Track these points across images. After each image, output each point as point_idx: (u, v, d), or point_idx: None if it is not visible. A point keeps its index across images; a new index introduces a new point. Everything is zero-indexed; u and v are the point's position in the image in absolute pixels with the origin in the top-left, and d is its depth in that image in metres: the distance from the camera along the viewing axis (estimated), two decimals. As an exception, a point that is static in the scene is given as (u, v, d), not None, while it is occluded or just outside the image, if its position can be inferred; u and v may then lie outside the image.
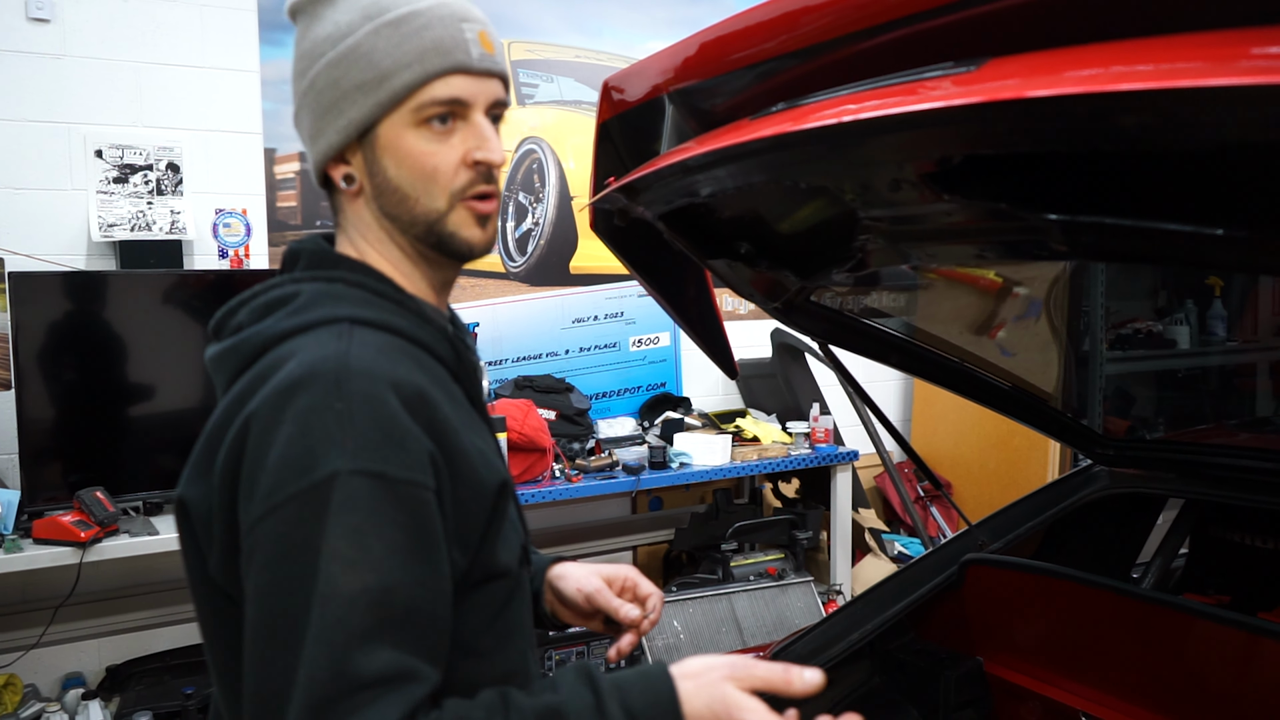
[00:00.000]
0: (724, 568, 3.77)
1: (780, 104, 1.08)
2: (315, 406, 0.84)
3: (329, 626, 0.80)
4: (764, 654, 1.74)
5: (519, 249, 3.96)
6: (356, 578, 0.81)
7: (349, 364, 0.86)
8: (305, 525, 0.82)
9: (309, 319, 0.92)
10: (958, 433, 4.63)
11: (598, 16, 4.07)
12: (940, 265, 1.46)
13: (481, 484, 0.93)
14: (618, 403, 4.11)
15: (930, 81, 0.90)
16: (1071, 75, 0.78)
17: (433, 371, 0.95)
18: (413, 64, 0.92)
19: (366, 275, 0.98)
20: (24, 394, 2.86)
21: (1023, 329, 1.91)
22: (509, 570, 0.98)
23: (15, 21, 3.10)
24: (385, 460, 0.84)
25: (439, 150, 0.94)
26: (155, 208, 3.25)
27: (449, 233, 0.96)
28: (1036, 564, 1.77)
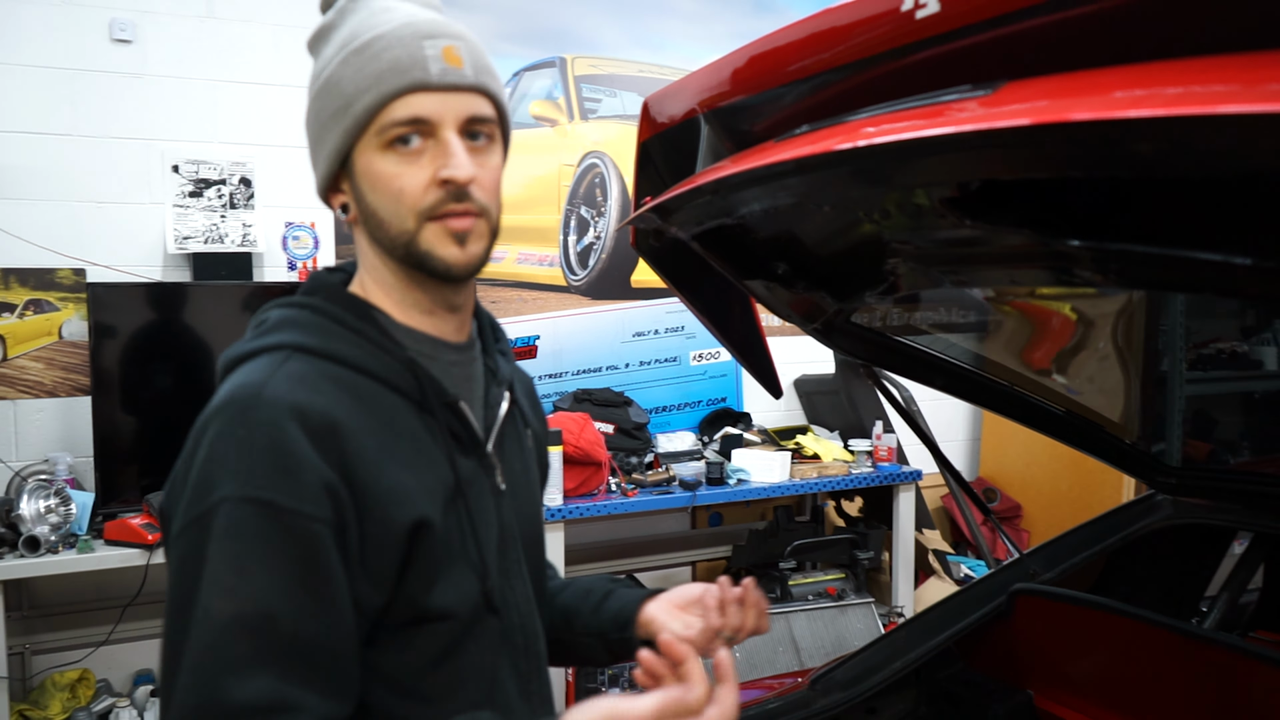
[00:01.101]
0: (782, 586, 3.73)
1: (804, 126, 1.06)
2: (222, 433, 0.87)
3: (201, 652, 0.81)
4: (802, 680, 1.71)
5: (580, 263, 3.98)
6: (233, 604, 0.82)
7: (261, 393, 0.88)
8: (195, 550, 0.84)
9: (260, 344, 0.95)
10: (1028, 453, 4.50)
11: (660, 31, 4.07)
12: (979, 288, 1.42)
13: (391, 521, 0.90)
14: (677, 417, 4.10)
15: (950, 105, 0.88)
16: (1103, 99, 0.75)
17: (375, 402, 0.94)
18: (370, 87, 0.92)
19: (337, 303, 0.98)
20: (100, 400, 2.97)
21: (1080, 351, 1.84)
22: (450, 614, 0.95)
23: (99, 43, 3.23)
24: (275, 489, 0.84)
25: (405, 171, 0.93)
26: (228, 221, 3.35)
27: (424, 252, 0.94)
28: (1088, 597, 1.71)
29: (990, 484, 4.64)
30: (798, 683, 1.70)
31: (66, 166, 3.21)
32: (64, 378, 3.20)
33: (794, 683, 1.70)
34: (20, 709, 2.94)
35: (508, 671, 1.03)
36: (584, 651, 1.21)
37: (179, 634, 0.83)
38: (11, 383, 3.15)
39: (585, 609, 1.20)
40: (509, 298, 3.85)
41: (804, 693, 1.67)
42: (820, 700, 1.66)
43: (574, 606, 1.22)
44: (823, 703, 1.66)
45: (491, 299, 3.80)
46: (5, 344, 3.14)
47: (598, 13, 3.97)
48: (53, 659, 3.16)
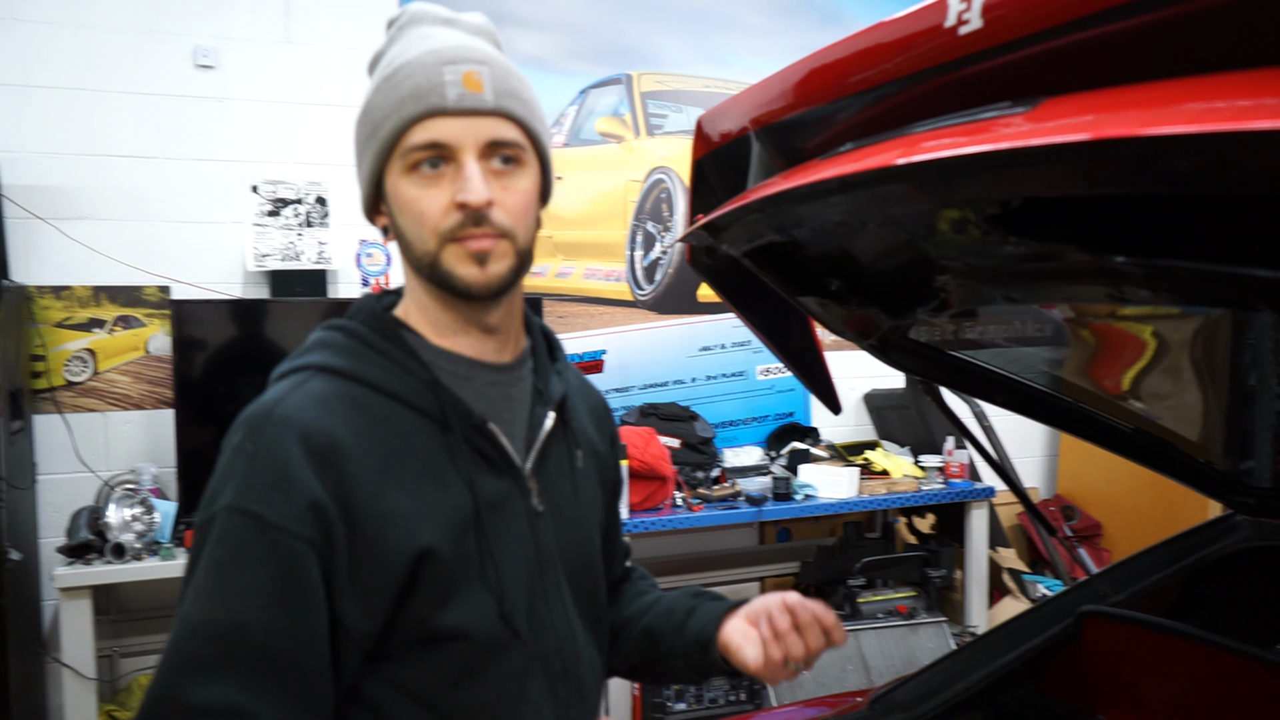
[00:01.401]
0: (851, 604, 3.68)
1: (849, 144, 1.06)
2: (236, 446, 0.92)
3: (172, 650, 0.86)
4: (861, 700, 1.68)
5: (647, 277, 4.00)
6: (206, 609, 0.86)
7: (274, 410, 0.92)
8: (194, 553, 0.90)
9: (291, 365, 1.00)
10: (1109, 471, 4.37)
11: (726, 47, 4.08)
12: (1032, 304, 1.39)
13: (389, 546, 0.91)
14: (744, 432, 4.08)
15: (994, 121, 0.87)
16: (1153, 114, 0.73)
17: (391, 423, 0.96)
18: (393, 113, 0.94)
19: (369, 325, 1.02)
20: (183, 412, 3.08)
21: (1151, 367, 1.79)
22: (463, 634, 0.96)
23: (184, 69, 3.37)
24: (265, 503, 0.88)
25: (426, 195, 0.95)
26: (304, 239, 3.45)
27: (445, 272, 0.96)
28: (1158, 620, 1.65)
29: (1069, 502, 4.52)
30: (857, 702, 1.68)
31: (153, 188, 3.34)
32: (150, 391, 3.33)
33: (853, 702, 1.68)
34: (108, 709, 3.05)
35: (542, 696, 1.02)
36: (672, 672, 1.21)
37: (171, 628, 0.89)
38: (101, 395, 3.29)
39: (669, 630, 1.19)
40: (576, 313, 3.88)
41: (863, 713, 1.65)
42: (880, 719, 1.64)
43: (658, 628, 1.21)
44: (881, 723, 1.63)
45: (559, 314, 3.84)
46: (96, 358, 3.28)
47: (664, 29, 4.00)
48: (139, 662, 3.28)
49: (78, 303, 3.26)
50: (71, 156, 3.26)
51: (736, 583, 4.11)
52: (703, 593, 1.24)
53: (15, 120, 3.18)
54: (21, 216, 3.17)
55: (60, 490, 3.23)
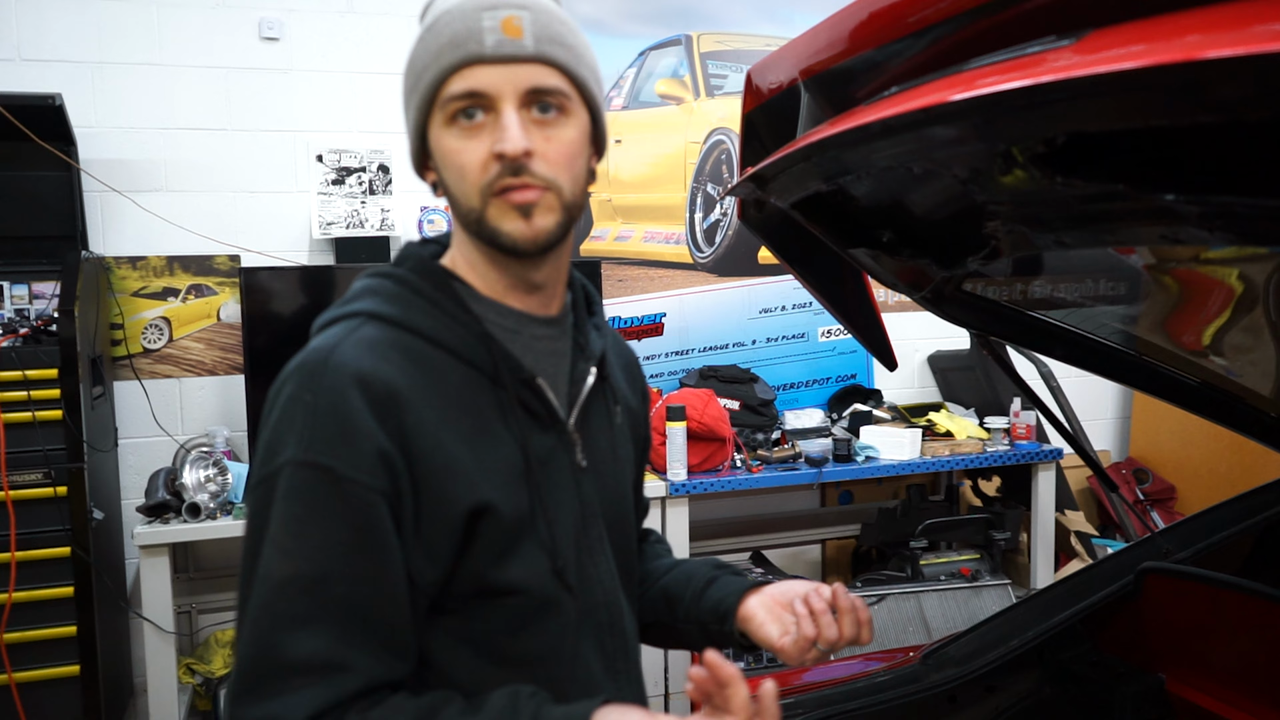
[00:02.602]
0: (913, 566, 3.66)
1: (894, 88, 1.05)
2: (292, 396, 0.89)
3: (260, 609, 0.85)
4: (914, 655, 1.68)
5: (707, 240, 3.98)
6: (290, 565, 0.84)
7: (329, 358, 0.90)
8: (260, 509, 0.87)
9: (341, 312, 0.98)
10: (1183, 432, 4.26)
11: (787, 4, 4.02)
12: (1087, 249, 1.36)
13: (448, 499, 0.91)
14: (806, 394, 4.06)
15: (1041, 55, 0.85)
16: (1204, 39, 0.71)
17: (444, 374, 0.94)
18: (432, 63, 0.92)
19: (418, 273, 0.99)
20: (253, 377, 3.17)
21: (1219, 317, 1.73)
22: (519, 589, 0.96)
23: (250, 42, 3.44)
24: (335, 455, 0.86)
25: (466, 147, 0.92)
26: (367, 206, 3.51)
27: (492, 228, 0.94)
28: (1221, 576, 1.61)
29: (1142, 464, 4.41)
30: (910, 657, 1.68)
31: (222, 159, 3.43)
32: (222, 357, 3.43)
33: (904, 657, 1.68)
34: (187, 662, 3.18)
35: (591, 649, 1.03)
36: (684, 638, 1.20)
37: (244, 589, 0.87)
38: (177, 362, 3.40)
39: (687, 595, 1.18)
40: (636, 275, 3.89)
41: (915, 667, 1.65)
42: (933, 675, 1.64)
43: (676, 592, 1.20)
44: (936, 677, 1.63)
45: (618, 277, 3.86)
46: (171, 326, 3.39)
47: (723, -12, 3.96)
48: (215, 618, 3.41)
49: (153, 272, 3.37)
50: (145, 130, 3.35)
51: (797, 544, 4.11)
52: (725, 565, 1.23)
53: (92, 96, 3.28)
54: (99, 190, 3.28)
55: (139, 453, 3.36)
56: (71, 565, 2.79)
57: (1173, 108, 0.72)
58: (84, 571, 2.80)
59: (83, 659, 2.81)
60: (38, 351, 2.81)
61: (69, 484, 2.80)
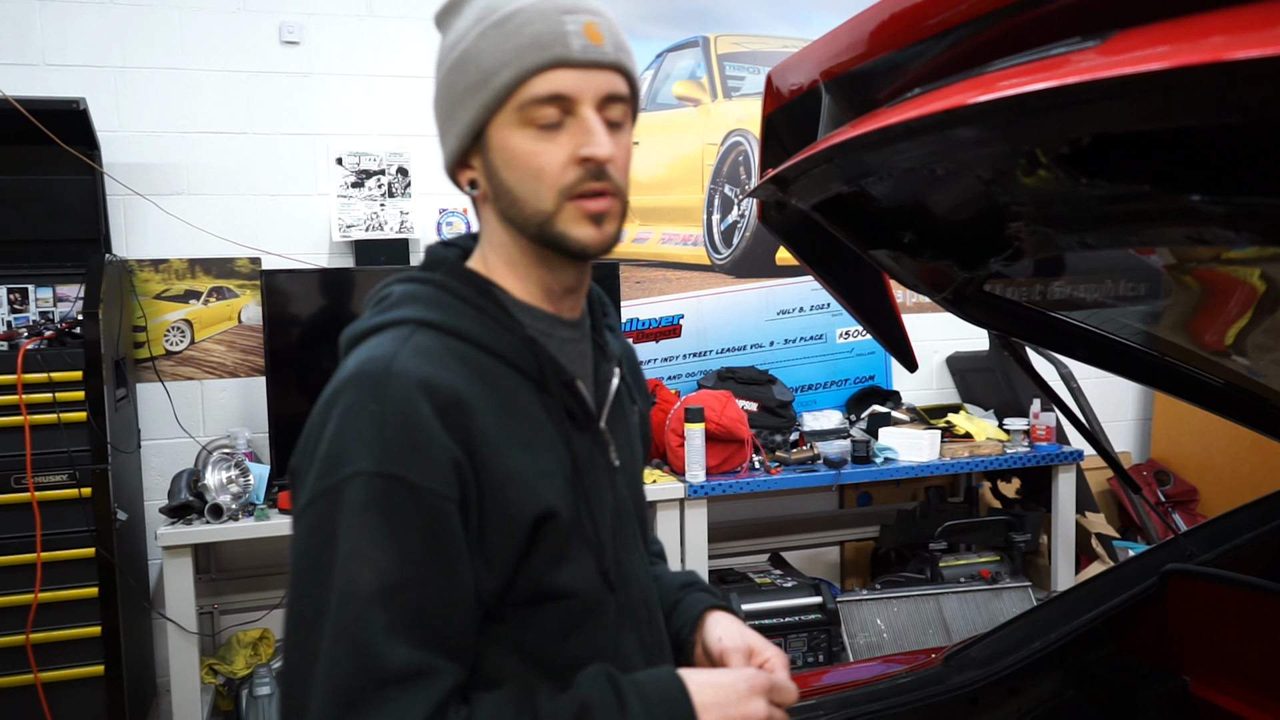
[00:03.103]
0: (932, 567, 3.65)
1: (916, 89, 1.05)
2: (354, 406, 0.87)
3: (351, 621, 0.82)
4: (936, 656, 1.68)
5: (724, 241, 3.98)
6: (375, 575, 0.83)
7: (391, 367, 0.88)
8: (330, 521, 0.85)
9: (385, 319, 0.95)
10: (1205, 434, 4.23)
11: (804, 6, 4.02)
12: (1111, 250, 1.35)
13: (514, 507, 0.91)
14: (824, 395, 4.06)
15: (1066, 56, 0.85)
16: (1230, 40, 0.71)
17: (498, 380, 0.94)
18: (511, 62, 0.91)
19: (457, 279, 0.98)
20: (274, 379, 3.19)
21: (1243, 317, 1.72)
22: (572, 593, 0.96)
23: (270, 46, 3.46)
24: (407, 465, 0.85)
25: (545, 149, 0.92)
26: (387, 209, 3.52)
27: (559, 233, 0.94)
28: (1247, 579, 1.60)
29: (1163, 466, 4.38)
30: (931, 659, 1.68)
31: (243, 163, 3.45)
32: (243, 359, 3.46)
33: (927, 659, 1.68)
34: (209, 663, 3.21)
35: (634, 646, 1.03)
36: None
37: (314, 602, 0.84)
38: (198, 364, 3.43)
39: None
40: (653, 277, 3.90)
41: (937, 669, 1.64)
42: (955, 677, 1.63)
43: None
44: (958, 679, 1.63)
45: (636, 279, 3.86)
46: (193, 328, 3.42)
47: (740, -10, 3.96)
48: (237, 619, 3.43)
49: (174, 275, 3.39)
50: (167, 134, 3.38)
51: (816, 546, 4.11)
52: (692, 583, 1.23)
53: (114, 101, 3.31)
54: (122, 193, 3.31)
55: (162, 454, 3.39)
56: (96, 566, 2.82)
57: (1199, 109, 0.72)
58: (108, 572, 2.83)
59: (107, 659, 2.84)
60: (62, 354, 2.84)
61: (93, 485, 2.83)
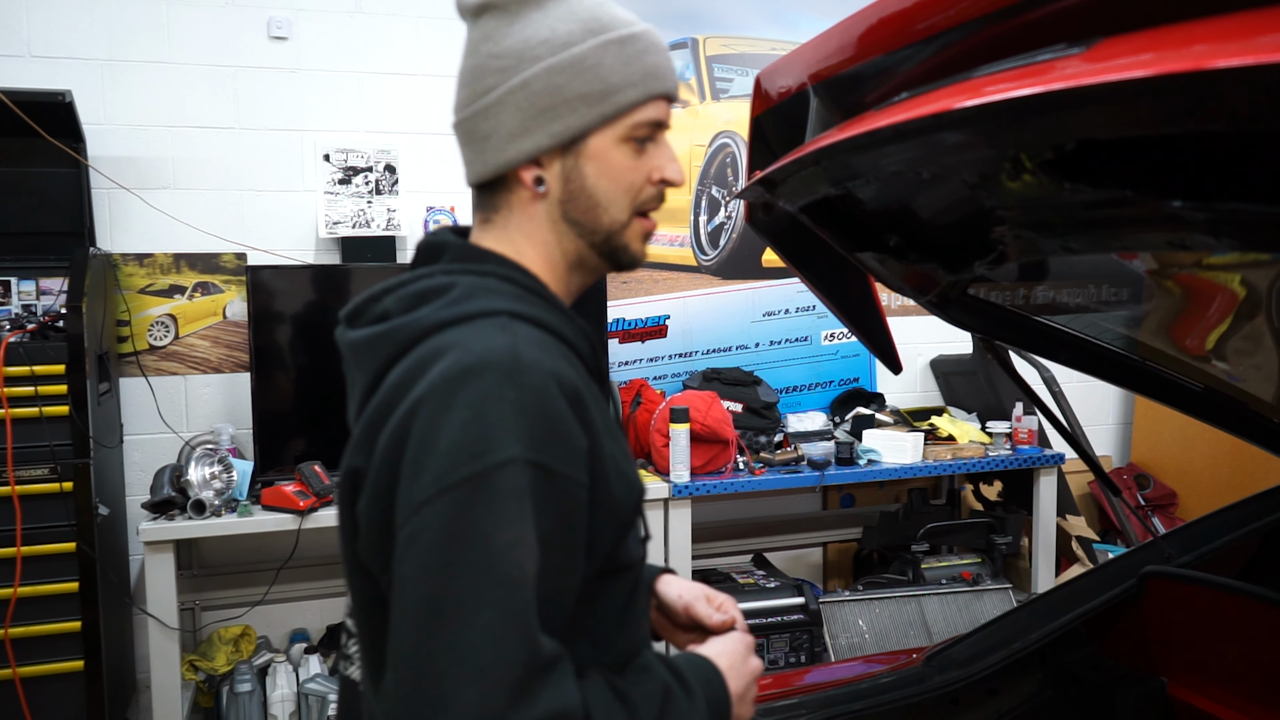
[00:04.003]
0: (914, 569, 3.67)
1: (904, 94, 1.06)
2: (490, 394, 0.85)
3: (521, 609, 0.82)
4: (917, 656, 1.69)
5: (711, 243, 4.00)
6: (530, 562, 0.84)
7: (519, 356, 0.88)
8: (477, 508, 0.82)
9: (468, 310, 0.93)
10: (1185, 438, 4.27)
11: (793, 8, 4.03)
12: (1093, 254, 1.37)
13: (617, 494, 0.94)
14: (809, 397, 4.07)
15: (1051, 63, 0.86)
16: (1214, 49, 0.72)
17: (579, 369, 0.97)
18: (638, 84, 0.98)
19: (517, 271, 1.00)
20: (259, 375, 3.18)
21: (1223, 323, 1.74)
22: (634, 564, 1.01)
23: (259, 41, 3.45)
24: (551, 453, 0.86)
25: (638, 166, 1.00)
26: (374, 206, 3.52)
27: (624, 244, 1.02)
28: (1225, 581, 1.63)
29: (1143, 470, 4.42)
30: (913, 659, 1.69)
31: (230, 158, 3.44)
32: (227, 355, 3.45)
33: (908, 659, 1.69)
34: (190, 659, 3.20)
35: (644, 611, 1.08)
36: None
37: (459, 591, 0.81)
38: (182, 359, 3.41)
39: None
40: (640, 277, 3.90)
41: (918, 669, 1.66)
42: (936, 677, 1.65)
43: None
44: (939, 679, 1.64)
45: (622, 279, 3.86)
46: (177, 323, 3.40)
47: (729, -8, 3.97)
48: (219, 615, 3.42)
49: (159, 270, 3.38)
50: (154, 128, 3.36)
51: (799, 547, 4.12)
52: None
53: (101, 94, 3.29)
54: (107, 187, 3.29)
55: (144, 449, 3.37)
56: (76, 561, 2.80)
57: (1181, 116, 0.73)
58: (89, 567, 2.82)
59: (87, 654, 2.82)
60: (45, 347, 2.82)
61: (74, 479, 2.81)
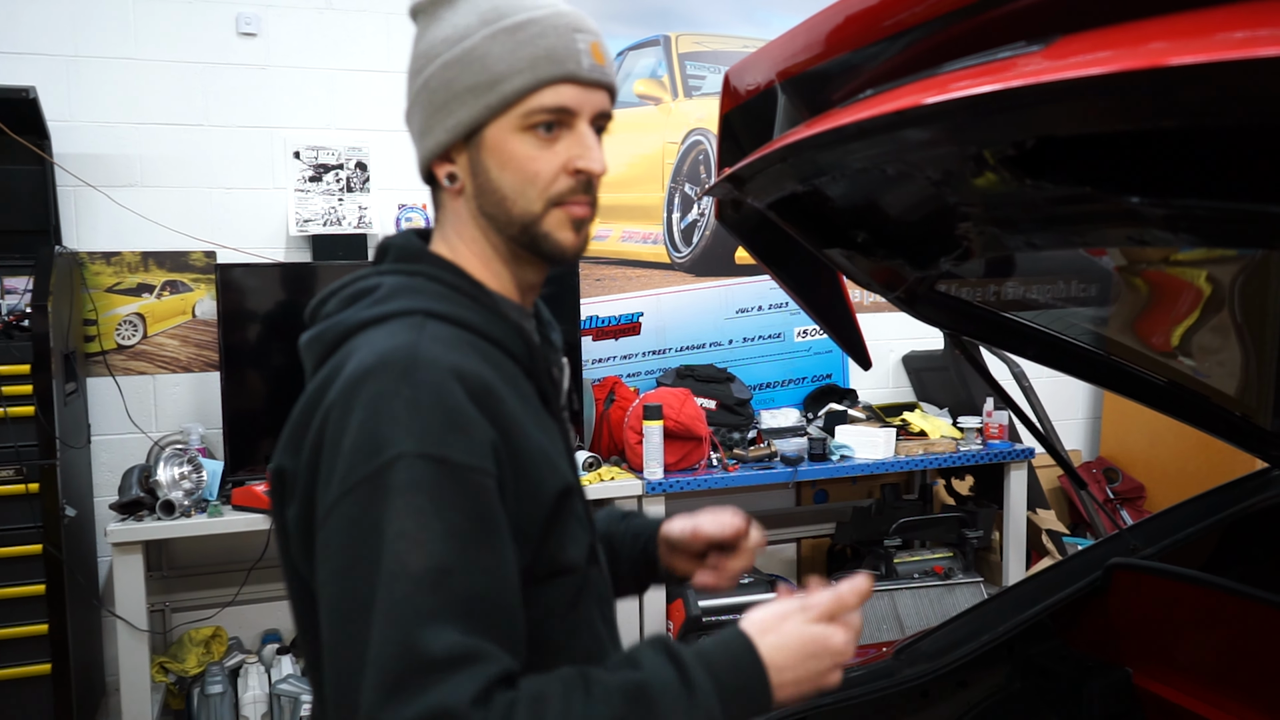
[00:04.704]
0: (887, 564, 3.69)
1: (869, 90, 1.07)
2: (384, 393, 0.86)
3: (396, 604, 0.81)
4: (887, 650, 1.71)
5: (684, 240, 4.00)
6: (422, 557, 0.82)
7: (417, 354, 0.88)
8: (373, 506, 0.84)
9: (386, 310, 0.94)
10: (1153, 432, 4.32)
11: (765, 6, 4.05)
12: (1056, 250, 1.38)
13: (541, 483, 0.93)
14: (782, 394, 4.09)
15: (1012, 60, 0.87)
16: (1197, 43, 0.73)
17: (502, 367, 0.96)
18: (525, 70, 0.94)
19: (446, 270, 0.99)
20: (229, 374, 3.16)
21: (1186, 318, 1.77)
22: (575, 566, 0.99)
23: (227, 37, 3.42)
24: (449, 445, 0.85)
25: (541, 156, 0.96)
26: (345, 204, 3.50)
27: (543, 234, 0.98)
28: (1188, 572, 1.65)
29: (1112, 464, 4.48)
30: (882, 653, 1.70)
31: (199, 155, 3.41)
32: (197, 354, 3.41)
33: (878, 653, 1.70)
34: (161, 661, 3.17)
35: (599, 620, 1.05)
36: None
37: (360, 590, 0.83)
38: (151, 359, 3.38)
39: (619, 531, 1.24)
40: (613, 275, 3.90)
41: (888, 662, 1.67)
42: (905, 670, 1.66)
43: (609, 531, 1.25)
44: (908, 672, 1.66)
45: (596, 276, 3.87)
46: (145, 323, 3.37)
47: (702, -11, 3.98)
48: (189, 616, 3.39)
49: (127, 268, 3.34)
50: (121, 125, 3.33)
51: (773, 543, 4.13)
52: (628, 513, 1.29)
53: (66, 90, 3.25)
54: (73, 184, 3.25)
55: (113, 450, 3.34)
56: (43, 563, 2.77)
57: (1137, 113, 0.74)
58: (55, 569, 2.78)
59: (54, 657, 2.79)
60: (10, 347, 2.79)
61: (41, 481, 2.78)
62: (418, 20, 1.05)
